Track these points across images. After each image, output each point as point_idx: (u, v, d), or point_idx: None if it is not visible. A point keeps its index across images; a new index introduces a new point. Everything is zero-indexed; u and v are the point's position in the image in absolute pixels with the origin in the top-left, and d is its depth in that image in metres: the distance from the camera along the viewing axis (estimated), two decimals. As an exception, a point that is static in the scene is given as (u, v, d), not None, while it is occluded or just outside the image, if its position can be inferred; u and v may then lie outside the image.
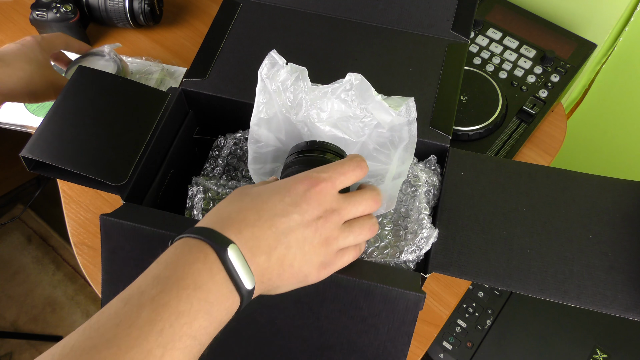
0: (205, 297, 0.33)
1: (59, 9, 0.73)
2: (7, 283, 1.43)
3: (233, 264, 0.34)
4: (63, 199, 0.68)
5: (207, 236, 0.35)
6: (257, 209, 0.37)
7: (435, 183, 0.51)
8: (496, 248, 0.45)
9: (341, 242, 0.39)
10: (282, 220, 0.37)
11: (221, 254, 0.34)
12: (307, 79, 0.49)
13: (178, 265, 0.34)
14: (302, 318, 0.43)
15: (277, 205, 0.38)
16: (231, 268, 0.34)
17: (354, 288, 0.41)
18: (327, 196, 0.39)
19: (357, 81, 0.49)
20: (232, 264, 0.34)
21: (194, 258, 0.34)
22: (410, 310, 0.41)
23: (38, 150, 0.48)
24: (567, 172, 0.50)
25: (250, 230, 0.36)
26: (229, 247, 0.34)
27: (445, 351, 0.87)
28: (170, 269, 0.33)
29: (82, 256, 0.64)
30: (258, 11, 0.62)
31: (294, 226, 0.37)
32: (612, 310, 0.42)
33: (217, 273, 0.34)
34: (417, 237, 0.46)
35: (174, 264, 0.34)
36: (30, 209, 1.53)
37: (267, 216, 0.37)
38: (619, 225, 0.46)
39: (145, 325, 0.30)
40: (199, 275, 0.33)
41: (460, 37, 0.59)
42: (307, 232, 0.37)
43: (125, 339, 0.30)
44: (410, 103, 0.50)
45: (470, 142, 0.68)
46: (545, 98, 0.72)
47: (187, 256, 0.34)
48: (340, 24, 0.61)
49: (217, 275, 0.34)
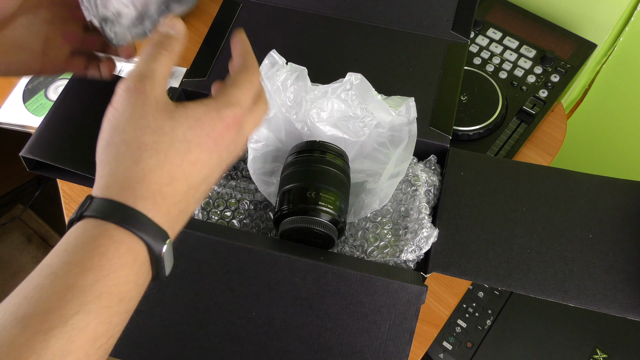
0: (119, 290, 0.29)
1: (59, 9, 0.73)
2: (7, 283, 1.43)
3: (164, 258, 0.31)
4: (63, 199, 0.68)
5: (137, 225, 0.29)
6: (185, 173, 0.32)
7: (435, 183, 0.51)
8: (496, 248, 0.45)
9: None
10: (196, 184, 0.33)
11: (155, 252, 0.30)
12: (307, 78, 0.49)
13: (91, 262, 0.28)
14: (301, 317, 0.43)
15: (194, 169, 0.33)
16: (161, 263, 0.31)
17: (355, 281, 0.41)
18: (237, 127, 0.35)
19: (357, 81, 0.49)
20: (162, 258, 0.31)
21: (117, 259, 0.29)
22: (412, 303, 0.41)
23: (38, 150, 0.48)
24: (567, 172, 0.50)
25: (176, 206, 0.32)
26: (164, 246, 0.30)
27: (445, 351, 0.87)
28: (73, 257, 0.28)
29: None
30: (258, 11, 0.62)
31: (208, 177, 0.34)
32: (612, 310, 0.42)
33: (142, 274, 0.30)
34: (417, 236, 0.46)
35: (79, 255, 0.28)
36: (30, 209, 1.53)
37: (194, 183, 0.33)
38: (619, 225, 0.46)
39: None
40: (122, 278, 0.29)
41: (460, 37, 0.59)
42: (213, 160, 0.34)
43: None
44: (410, 103, 0.50)
45: (470, 142, 0.68)
46: (545, 98, 0.72)
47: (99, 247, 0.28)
48: (340, 24, 0.61)
49: (142, 275, 0.30)
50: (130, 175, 0.31)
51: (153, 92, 0.32)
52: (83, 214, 0.30)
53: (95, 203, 0.30)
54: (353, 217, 0.50)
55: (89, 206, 0.30)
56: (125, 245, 0.29)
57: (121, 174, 0.31)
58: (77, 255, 0.28)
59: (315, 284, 0.42)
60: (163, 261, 0.31)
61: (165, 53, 0.34)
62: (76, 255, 0.28)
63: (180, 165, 0.32)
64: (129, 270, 0.29)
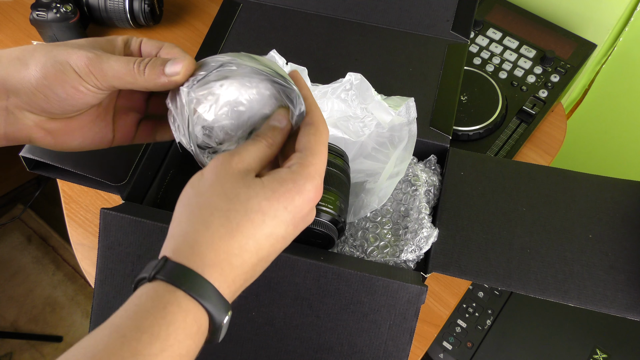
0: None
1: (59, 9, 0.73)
2: (7, 283, 1.43)
3: (223, 329, 0.31)
4: (63, 199, 0.67)
5: (206, 297, 0.30)
6: (257, 246, 0.32)
7: (435, 183, 0.51)
8: (496, 248, 0.45)
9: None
10: (267, 255, 0.33)
11: (216, 323, 0.30)
12: (307, 78, 0.49)
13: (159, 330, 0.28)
14: (301, 316, 0.43)
15: (263, 243, 0.33)
16: (220, 334, 0.31)
17: (355, 281, 0.41)
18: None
19: (357, 81, 0.49)
20: (221, 329, 0.31)
21: (183, 330, 0.29)
22: (412, 303, 0.41)
23: (38, 150, 0.48)
24: (567, 172, 0.50)
25: (242, 277, 0.32)
26: (226, 318, 0.31)
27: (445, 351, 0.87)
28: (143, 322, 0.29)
29: (82, 256, 0.64)
30: (258, 11, 0.62)
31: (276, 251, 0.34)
32: (612, 310, 0.42)
33: (200, 343, 0.30)
34: (417, 236, 0.46)
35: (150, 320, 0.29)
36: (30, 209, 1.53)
37: (265, 256, 0.33)
38: (619, 225, 0.46)
39: None
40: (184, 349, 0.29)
41: (460, 38, 0.59)
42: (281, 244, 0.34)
43: None
44: (410, 103, 0.50)
45: (470, 142, 0.68)
46: (545, 98, 0.72)
47: (168, 314, 0.29)
48: (340, 24, 0.61)
49: (200, 344, 0.30)
50: (200, 239, 0.31)
51: (238, 165, 0.33)
52: (156, 276, 0.30)
53: (168, 266, 0.30)
54: (353, 217, 0.50)
55: (162, 268, 0.30)
56: (192, 315, 0.29)
57: (191, 237, 0.31)
58: (147, 320, 0.28)
59: (315, 284, 0.42)
60: (220, 332, 0.31)
61: (264, 141, 0.35)
62: (147, 320, 0.28)
63: (253, 237, 0.32)
64: (192, 341, 0.29)
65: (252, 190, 0.32)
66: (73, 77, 0.35)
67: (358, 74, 0.49)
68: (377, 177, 0.51)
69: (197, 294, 0.29)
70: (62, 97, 0.35)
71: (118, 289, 0.45)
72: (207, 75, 0.36)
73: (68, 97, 0.36)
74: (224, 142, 0.39)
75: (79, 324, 1.41)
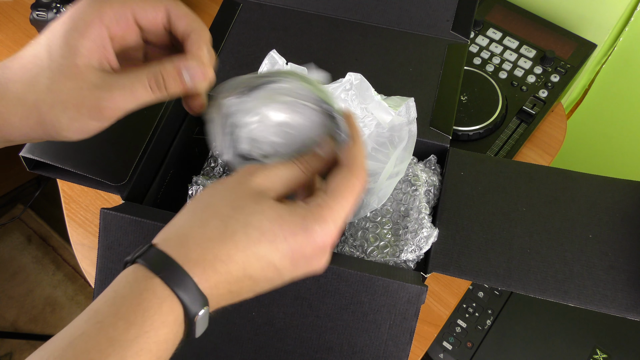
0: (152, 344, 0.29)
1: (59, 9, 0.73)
2: (7, 283, 1.43)
3: (197, 324, 0.30)
4: (63, 199, 0.68)
5: (182, 287, 0.29)
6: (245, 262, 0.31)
7: (435, 183, 0.51)
8: (496, 248, 0.45)
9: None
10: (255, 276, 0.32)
11: (190, 314, 0.30)
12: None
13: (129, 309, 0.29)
14: (301, 317, 0.43)
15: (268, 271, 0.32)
16: (193, 327, 0.30)
17: (355, 281, 0.41)
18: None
19: (357, 81, 0.49)
20: (196, 323, 0.30)
21: (159, 317, 0.29)
22: (412, 303, 0.41)
23: (38, 150, 0.48)
24: (567, 172, 0.50)
25: (225, 286, 0.31)
26: (201, 311, 0.30)
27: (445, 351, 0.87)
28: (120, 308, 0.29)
29: (82, 256, 0.64)
30: (258, 11, 0.62)
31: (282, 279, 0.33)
32: (612, 310, 0.42)
33: (178, 334, 0.30)
34: (417, 236, 0.46)
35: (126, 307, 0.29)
36: (30, 209, 1.53)
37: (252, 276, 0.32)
38: (619, 225, 0.46)
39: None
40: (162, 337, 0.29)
41: (460, 38, 0.59)
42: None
43: None
44: (410, 103, 0.50)
45: (470, 142, 0.68)
46: (545, 98, 0.72)
47: (144, 301, 0.29)
48: (340, 24, 0.61)
49: (178, 336, 0.30)
50: (192, 234, 0.31)
51: (257, 180, 0.33)
52: (136, 260, 0.30)
53: (151, 252, 0.30)
54: (352, 217, 0.50)
55: (145, 253, 0.30)
56: (167, 304, 0.29)
57: (184, 230, 0.31)
58: (123, 307, 0.29)
59: (315, 284, 0.42)
60: (194, 325, 0.30)
61: (299, 165, 0.35)
62: (123, 307, 0.29)
63: (244, 251, 0.31)
64: (168, 330, 0.29)
65: (259, 207, 0.32)
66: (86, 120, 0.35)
67: (358, 74, 0.49)
68: (377, 177, 0.51)
69: (172, 282, 0.29)
70: (75, 134, 0.36)
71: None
72: (255, 89, 0.36)
73: (81, 134, 0.36)
74: (269, 156, 0.39)
75: (79, 324, 1.40)
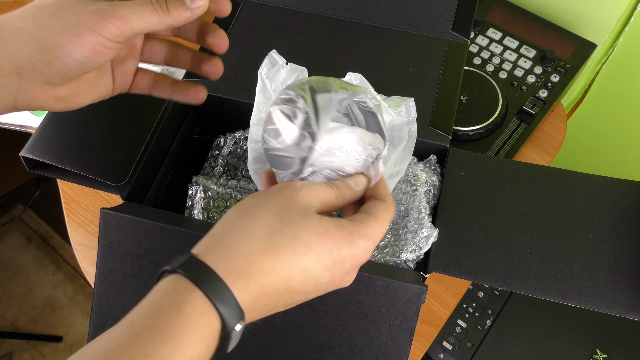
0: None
1: (59, 9, 0.73)
2: (7, 283, 1.43)
3: (232, 337, 0.30)
4: (63, 199, 0.68)
5: (222, 301, 0.29)
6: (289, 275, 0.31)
7: (435, 183, 0.51)
8: (496, 248, 0.45)
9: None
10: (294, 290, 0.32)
11: (227, 328, 0.29)
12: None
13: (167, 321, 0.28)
14: (301, 316, 0.43)
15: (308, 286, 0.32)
16: (228, 342, 0.30)
17: (355, 281, 0.41)
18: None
19: (357, 81, 0.49)
20: (231, 337, 0.30)
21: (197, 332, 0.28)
22: (412, 303, 0.41)
23: (38, 150, 0.48)
24: (567, 172, 0.50)
25: (264, 299, 0.31)
26: (238, 325, 0.30)
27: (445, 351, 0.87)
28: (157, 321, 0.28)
29: (82, 256, 0.64)
30: (258, 11, 0.62)
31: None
32: (612, 310, 0.42)
33: (212, 349, 0.30)
34: (417, 236, 0.46)
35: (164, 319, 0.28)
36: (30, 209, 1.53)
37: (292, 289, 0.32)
38: (619, 225, 0.46)
39: None
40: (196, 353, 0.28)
41: (460, 37, 0.59)
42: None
43: None
44: (410, 103, 0.50)
45: (470, 142, 0.68)
46: (545, 98, 0.72)
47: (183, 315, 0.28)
48: (340, 24, 0.61)
49: (212, 351, 0.30)
50: (237, 246, 0.30)
51: (303, 196, 0.33)
52: (176, 269, 0.30)
53: (191, 263, 0.30)
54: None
55: (186, 263, 0.30)
56: (205, 317, 0.29)
57: (228, 242, 0.31)
58: (161, 320, 0.28)
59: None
60: (230, 339, 0.30)
61: (336, 190, 0.35)
62: (161, 320, 0.28)
63: (289, 264, 0.31)
64: (205, 345, 0.29)
65: (307, 222, 0.32)
66: (91, 37, 0.33)
67: (358, 74, 0.49)
68: (377, 177, 0.51)
69: (213, 295, 0.29)
70: (81, 60, 0.34)
71: (118, 288, 0.45)
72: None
73: (87, 59, 0.34)
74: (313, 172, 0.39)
75: (79, 324, 1.41)
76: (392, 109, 0.49)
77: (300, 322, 0.43)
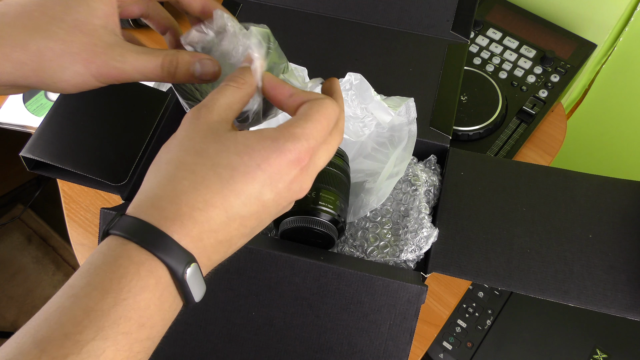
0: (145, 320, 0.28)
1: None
2: (7, 283, 1.43)
3: (189, 285, 0.29)
4: (63, 199, 0.68)
5: (160, 247, 0.28)
6: (225, 203, 0.30)
7: (435, 183, 0.51)
8: (496, 248, 0.45)
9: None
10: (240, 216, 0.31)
11: (177, 274, 0.28)
12: (307, 78, 0.49)
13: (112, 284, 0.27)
14: (301, 316, 0.43)
15: (252, 204, 0.31)
16: (186, 288, 0.29)
17: (355, 281, 0.41)
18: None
19: (357, 81, 0.49)
20: (188, 283, 0.29)
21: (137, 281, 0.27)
22: (412, 303, 0.41)
23: (38, 150, 0.48)
24: (567, 172, 0.50)
25: (211, 235, 0.30)
26: (189, 269, 0.29)
27: (445, 351, 0.87)
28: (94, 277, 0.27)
29: (82, 256, 0.64)
30: (258, 11, 0.62)
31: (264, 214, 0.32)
32: (612, 310, 0.42)
33: (166, 299, 0.29)
34: (417, 236, 0.46)
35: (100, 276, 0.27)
36: (30, 209, 1.53)
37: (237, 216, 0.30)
38: (619, 225, 0.46)
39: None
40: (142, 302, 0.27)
41: (460, 38, 0.59)
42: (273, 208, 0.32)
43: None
44: (410, 103, 0.50)
45: (470, 142, 0.68)
46: (545, 98, 0.72)
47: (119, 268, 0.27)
48: (340, 24, 0.61)
49: (166, 300, 0.29)
50: (162, 193, 0.30)
51: (207, 117, 0.32)
52: (109, 231, 0.29)
53: (122, 220, 0.29)
54: (352, 217, 0.50)
55: (116, 223, 0.29)
56: (145, 267, 0.28)
57: (153, 192, 0.30)
58: (98, 276, 0.27)
59: (315, 284, 0.42)
60: (187, 286, 0.29)
61: (233, 84, 0.34)
62: (97, 276, 0.27)
63: (219, 193, 0.30)
64: (150, 294, 0.28)
65: (222, 145, 0.30)
66: (83, 72, 0.34)
67: (358, 74, 0.49)
68: (376, 177, 0.51)
69: (149, 244, 0.28)
70: (64, 88, 0.35)
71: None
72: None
73: (69, 83, 0.35)
74: (202, 92, 0.40)
75: (79, 324, 1.41)
76: (392, 109, 0.49)
77: (300, 322, 0.43)
